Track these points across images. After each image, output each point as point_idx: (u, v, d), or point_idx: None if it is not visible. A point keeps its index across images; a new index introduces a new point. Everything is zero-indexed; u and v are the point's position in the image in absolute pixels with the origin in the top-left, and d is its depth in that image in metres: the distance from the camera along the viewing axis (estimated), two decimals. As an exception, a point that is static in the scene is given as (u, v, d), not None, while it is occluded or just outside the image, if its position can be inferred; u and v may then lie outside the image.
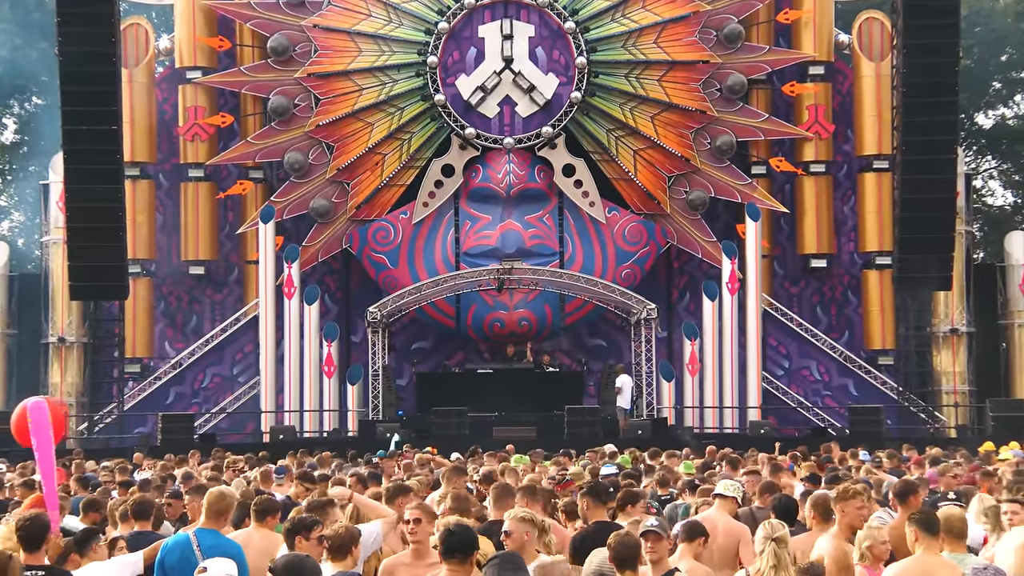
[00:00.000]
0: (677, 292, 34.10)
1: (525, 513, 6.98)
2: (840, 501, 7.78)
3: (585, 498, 8.25)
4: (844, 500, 7.78)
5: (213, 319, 33.78)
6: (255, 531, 7.80)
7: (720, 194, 32.51)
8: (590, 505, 8.14)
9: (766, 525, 6.60)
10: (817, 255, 33.38)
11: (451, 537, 5.84)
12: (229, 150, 32.80)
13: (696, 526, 7.36)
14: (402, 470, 14.81)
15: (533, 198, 31.89)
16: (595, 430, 26.83)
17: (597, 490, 8.28)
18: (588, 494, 8.26)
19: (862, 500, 7.79)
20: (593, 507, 8.13)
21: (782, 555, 6.38)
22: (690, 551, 7.20)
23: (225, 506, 7.42)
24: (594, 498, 8.18)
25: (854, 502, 7.71)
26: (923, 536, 6.82)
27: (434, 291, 30.46)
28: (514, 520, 6.90)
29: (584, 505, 8.22)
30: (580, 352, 33.28)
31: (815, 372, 33.20)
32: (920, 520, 6.89)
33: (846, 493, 7.83)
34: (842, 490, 7.90)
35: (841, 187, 33.92)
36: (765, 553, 6.46)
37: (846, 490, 7.88)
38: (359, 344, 33.26)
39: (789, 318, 33.01)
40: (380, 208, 32.56)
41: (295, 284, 31.08)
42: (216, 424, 32.35)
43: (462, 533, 5.87)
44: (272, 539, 7.52)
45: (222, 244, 33.90)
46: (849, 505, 7.68)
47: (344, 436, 30.13)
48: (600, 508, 8.17)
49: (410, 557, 7.05)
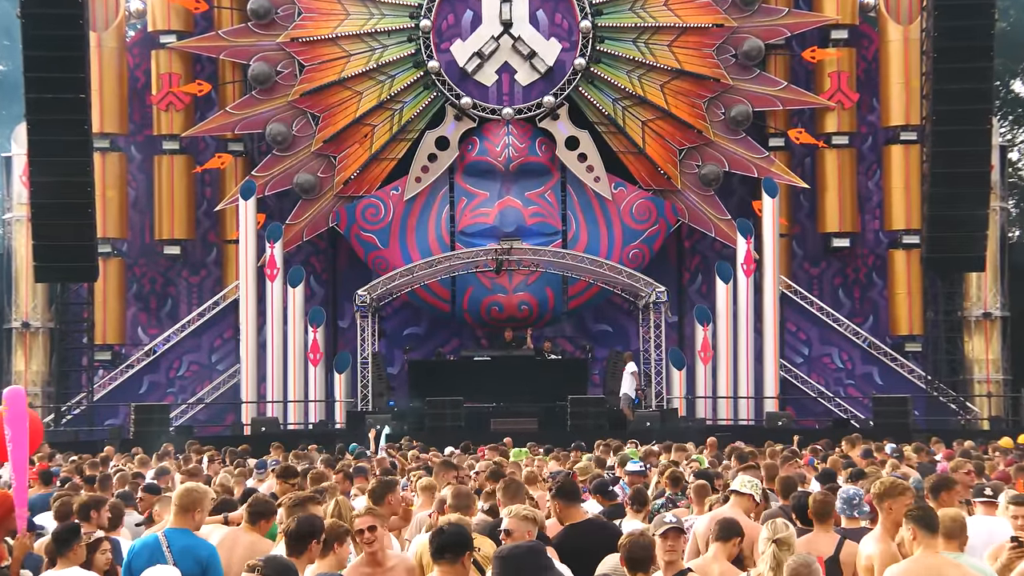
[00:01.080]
0: (688, 274, 34.06)
1: (528, 511, 6.91)
2: (888, 498, 7.53)
3: (555, 500, 8.07)
4: (893, 497, 7.53)
5: (190, 303, 33.74)
6: (245, 533, 7.72)
7: (735, 168, 32.43)
8: (561, 507, 8.00)
9: (769, 525, 6.53)
10: (839, 234, 33.32)
11: (441, 536, 5.80)
12: (206, 121, 32.69)
13: (732, 524, 7.28)
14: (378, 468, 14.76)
15: (534, 173, 31.82)
16: (600, 422, 26.81)
17: (566, 490, 8.14)
18: (558, 496, 8.07)
19: (911, 497, 7.61)
20: (565, 508, 8.00)
21: (784, 558, 6.30)
22: (724, 552, 7.14)
23: (192, 501, 7.35)
24: (565, 499, 8.03)
25: (903, 499, 7.51)
26: (921, 534, 6.78)
27: (427, 273, 30.41)
28: (515, 518, 6.84)
29: (555, 508, 8.05)
30: (584, 338, 33.26)
31: (837, 360, 33.17)
32: (918, 517, 6.83)
33: (895, 489, 7.60)
34: (890, 485, 7.66)
35: (865, 160, 33.84)
36: (765, 555, 6.39)
37: (895, 486, 7.65)
38: (347, 330, 33.22)
39: (809, 302, 32.97)
40: (369, 184, 32.48)
41: (278, 265, 31.02)
42: (193, 416, 32.29)
43: (453, 532, 5.82)
44: (261, 546, 7.43)
45: (199, 222, 33.83)
46: (898, 503, 7.45)
47: (331, 428, 30.14)
48: (574, 508, 8.03)
49: (366, 562, 6.87)
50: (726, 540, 7.18)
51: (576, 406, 27.30)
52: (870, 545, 7.46)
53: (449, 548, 5.73)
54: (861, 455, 16.20)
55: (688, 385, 30.94)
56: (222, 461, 17.57)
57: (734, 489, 8.81)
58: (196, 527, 7.43)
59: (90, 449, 22.52)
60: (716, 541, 7.19)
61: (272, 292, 31.08)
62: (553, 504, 8.07)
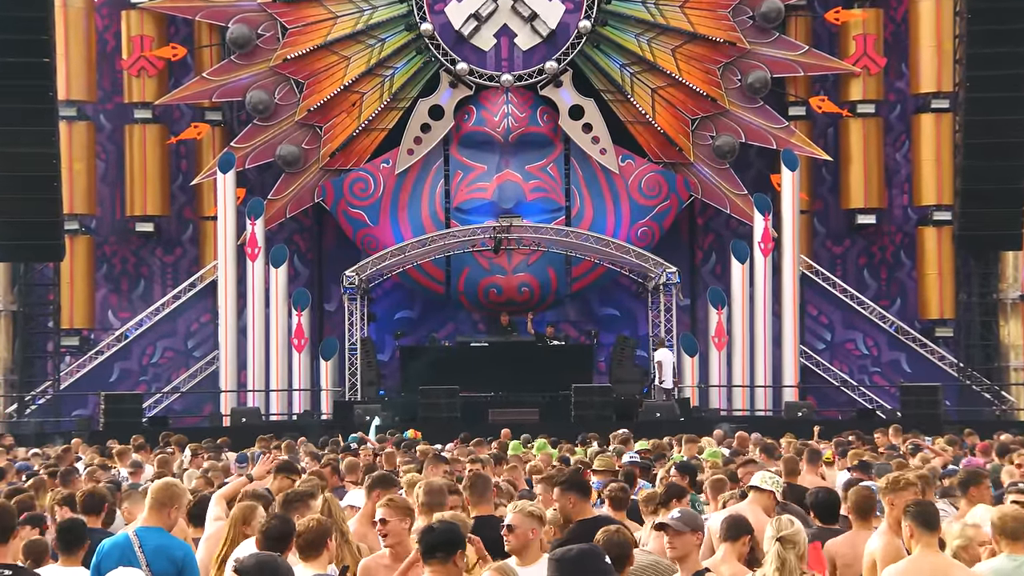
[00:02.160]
0: (702, 253, 34.04)
1: (533, 507, 6.92)
2: (890, 492, 7.68)
3: (568, 493, 8.00)
4: (895, 491, 7.67)
5: (164, 284, 33.72)
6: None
7: (752, 139, 32.39)
8: (575, 502, 7.97)
9: (774, 522, 6.55)
10: (865, 210, 33.30)
11: (430, 534, 5.81)
12: (181, 88, 32.62)
13: (740, 522, 7.30)
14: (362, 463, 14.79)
15: (535, 144, 31.77)
16: (606, 412, 26.83)
17: (580, 484, 8.11)
18: (571, 489, 8.00)
19: (915, 491, 7.70)
20: (578, 503, 7.98)
21: (787, 557, 6.31)
22: (733, 552, 7.17)
23: (169, 497, 7.36)
24: (579, 493, 7.99)
25: (905, 494, 7.62)
26: (919, 532, 6.81)
27: (421, 252, 30.40)
28: (519, 514, 6.83)
29: (568, 502, 8.00)
30: (589, 323, 33.26)
31: (861, 345, 33.18)
32: (916, 514, 6.85)
33: (897, 483, 7.72)
34: (892, 480, 7.79)
35: (893, 131, 33.78)
36: (769, 554, 6.42)
37: (896, 480, 7.77)
38: (334, 313, 33.22)
39: (831, 283, 32.96)
40: (358, 156, 32.43)
41: (259, 244, 31.00)
42: (168, 405, 32.32)
43: (444, 530, 5.83)
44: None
45: (174, 197, 33.80)
46: (900, 497, 7.58)
47: (316, 419, 30.11)
48: (585, 504, 8.03)
49: (389, 559, 7.08)
50: (735, 539, 7.20)
51: (580, 395, 27.32)
52: (874, 541, 7.53)
53: (440, 547, 5.75)
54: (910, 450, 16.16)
55: (701, 373, 30.96)
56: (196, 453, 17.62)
57: (754, 485, 8.82)
58: (171, 526, 7.44)
59: (56, 442, 22.54)
60: (725, 541, 7.21)
61: (253, 273, 31.05)
62: (564, 498, 8.02)
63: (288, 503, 7.57)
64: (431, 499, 8.04)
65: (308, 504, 7.55)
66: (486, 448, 16.89)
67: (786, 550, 6.36)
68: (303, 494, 7.80)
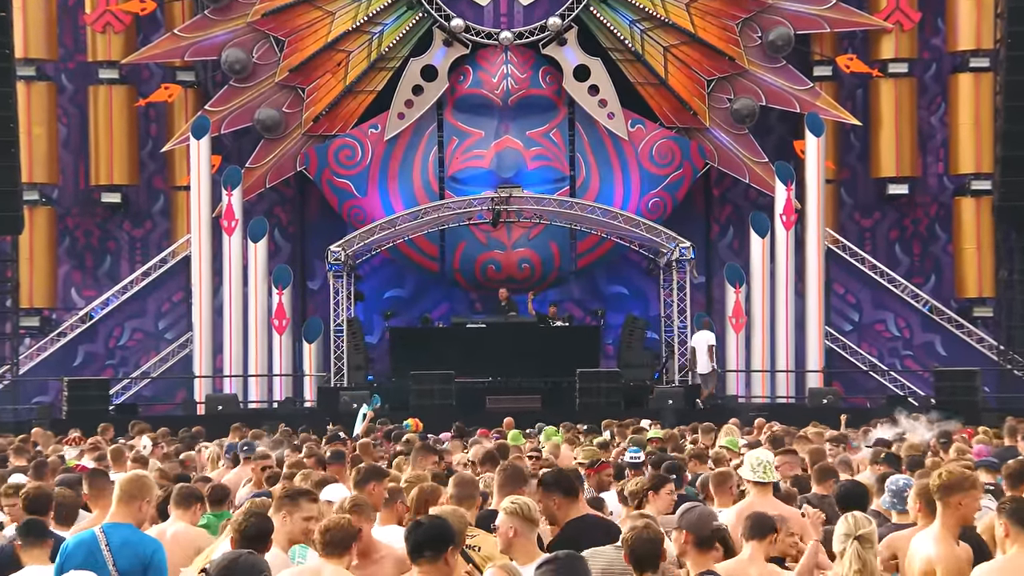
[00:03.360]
0: (718, 227, 34.03)
1: (516, 505, 6.93)
2: (957, 492, 7.34)
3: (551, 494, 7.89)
4: (962, 491, 7.36)
5: (132, 260, 33.72)
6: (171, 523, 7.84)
7: (773, 102, 32.35)
8: (560, 503, 7.91)
9: (848, 519, 6.50)
10: (896, 179, 33.28)
11: (417, 531, 5.83)
12: (151, 45, 32.57)
13: (766, 520, 7.30)
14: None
15: (537, 108, 31.75)
16: (613, 399, 26.87)
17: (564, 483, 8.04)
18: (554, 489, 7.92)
19: (979, 491, 7.54)
20: (564, 504, 7.94)
21: (868, 558, 6.30)
22: (760, 551, 7.18)
23: (139, 489, 7.38)
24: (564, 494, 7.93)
25: (974, 493, 7.40)
26: (1015, 530, 6.73)
27: (412, 225, 30.40)
28: (502, 512, 6.88)
29: (552, 503, 7.90)
30: (595, 302, 33.29)
31: (892, 327, 33.21)
32: (1012, 511, 6.77)
33: (964, 482, 7.40)
34: (960, 478, 7.45)
35: (928, 92, 33.75)
36: (847, 556, 6.36)
37: (963, 478, 7.45)
38: (318, 292, 33.23)
39: (860, 259, 32.97)
40: (344, 121, 32.40)
41: (236, 216, 30.99)
42: (137, 392, 32.36)
43: (432, 526, 5.85)
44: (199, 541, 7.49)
45: (143, 165, 33.77)
46: (968, 497, 7.34)
47: (299, 407, 30.21)
48: (572, 503, 7.99)
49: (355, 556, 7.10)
50: (761, 538, 7.21)
51: (586, 381, 27.34)
52: (928, 546, 7.34)
53: (428, 545, 5.78)
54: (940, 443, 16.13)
55: (718, 357, 30.85)
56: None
57: (757, 480, 8.81)
58: (140, 521, 7.45)
59: (14, 431, 22.57)
60: (751, 540, 7.22)
61: (230, 248, 31.05)
62: (548, 499, 7.92)
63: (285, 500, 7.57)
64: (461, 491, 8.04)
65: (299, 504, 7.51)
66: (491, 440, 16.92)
67: (866, 550, 6.35)
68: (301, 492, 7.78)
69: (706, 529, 6.62)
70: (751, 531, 7.26)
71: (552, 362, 29.00)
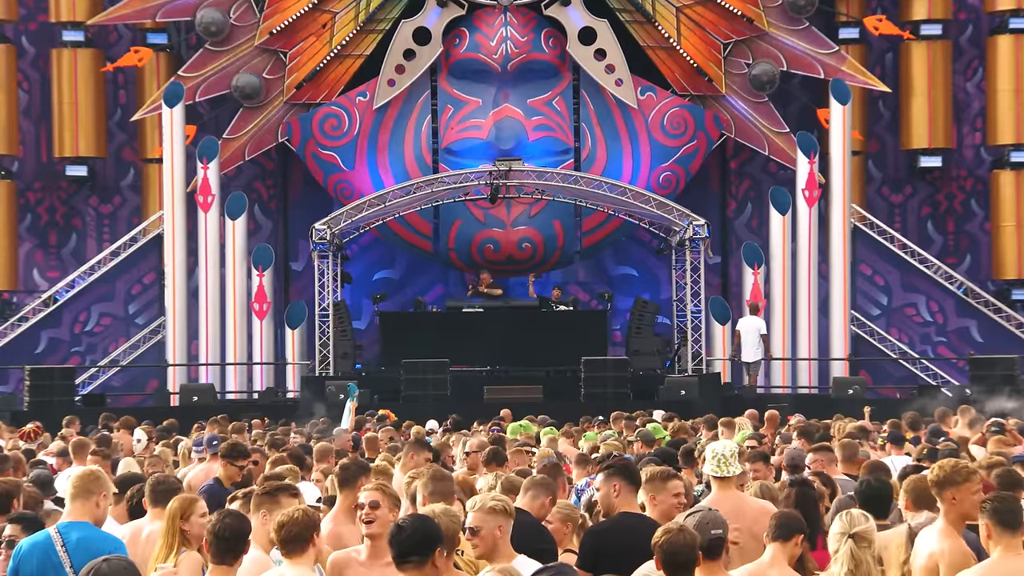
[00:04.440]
0: (735, 203, 34.04)
1: (495, 501, 6.93)
2: (950, 487, 7.64)
3: (614, 479, 8.14)
4: (955, 485, 7.64)
5: (100, 239, 33.72)
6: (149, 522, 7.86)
7: (795, 68, 32.31)
8: (621, 490, 8.07)
9: (843, 517, 6.56)
10: (929, 151, 33.27)
11: (400, 534, 5.84)
12: (119, 4, 32.48)
13: (793, 520, 7.31)
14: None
15: (538, 74, 31.72)
16: (621, 390, 26.89)
17: (631, 471, 8.22)
18: (618, 474, 8.15)
19: (978, 484, 7.69)
20: (625, 492, 8.09)
21: (863, 557, 6.34)
22: (784, 553, 7.19)
23: (94, 484, 7.38)
24: (628, 480, 8.10)
25: (969, 487, 7.61)
26: (997, 531, 6.83)
27: (404, 201, 30.38)
28: (481, 512, 6.87)
29: (612, 490, 8.11)
30: (602, 284, 33.30)
31: (924, 311, 33.21)
32: (993, 510, 6.87)
33: (955, 476, 7.67)
34: (952, 470, 7.74)
35: (964, 56, 33.72)
36: (840, 553, 6.43)
37: (958, 470, 7.72)
38: (302, 274, 33.23)
39: (889, 237, 32.96)
40: (329, 88, 32.37)
41: (213, 191, 30.99)
42: (105, 382, 32.41)
43: (415, 528, 5.86)
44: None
45: (112, 135, 33.76)
46: (962, 491, 7.58)
47: (282, 398, 30.21)
48: (633, 495, 8.13)
49: (365, 553, 7.13)
50: (786, 539, 7.22)
51: (591, 370, 27.36)
52: (933, 541, 7.50)
53: (414, 549, 5.79)
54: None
55: (734, 343, 30.99)
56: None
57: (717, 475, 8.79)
58: (100, 518, 7.46)
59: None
60: (774, 541, 7.22)
61: (206, 225, 31.05)
62: (608, 484, 8.13)
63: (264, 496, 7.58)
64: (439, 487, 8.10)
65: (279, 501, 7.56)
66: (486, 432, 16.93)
67: (861, 549, 6.37)
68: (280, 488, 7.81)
69: (704, 536, 6.62)
70: (775, 532, 7.26)
71: (555, 349, 29.04)
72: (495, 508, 6.84)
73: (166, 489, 8.56)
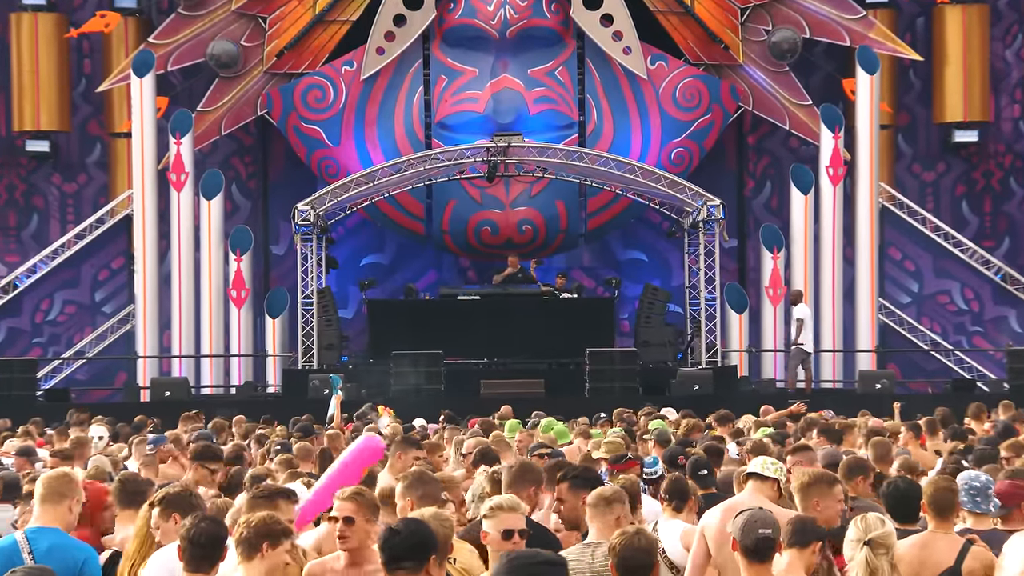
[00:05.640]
0: (753, 181, 34.08)
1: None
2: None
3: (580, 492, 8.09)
4: None
5: (64, 220, 33.76)
6: None
7: (819, 34, 32.34)
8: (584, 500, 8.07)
9: (859, 521, 6.61)
10: (964, 124, 33.30)
11: (393, 539, 5.91)
12: (85, -33, 32.60)
13: (810, 527, 7.38)
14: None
15: (540, 42, 31.73)
16: (630, 384, 26.97)
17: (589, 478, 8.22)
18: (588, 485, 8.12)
19: None
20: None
21: (880, 565, 6.40)
22: (801, 561, 7.24)
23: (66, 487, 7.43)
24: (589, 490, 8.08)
25: None
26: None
27: (394, 180, 30.42)
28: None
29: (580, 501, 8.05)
30: (608, 270, 33.34)
31: (958, 298, 33.26)
32: None
33: None
34: None
35: (1003, 21, 33.74)
36: (856, 561, 6.48)
37: None
38: (283, 258, 33.28)
39: (920, 219, 33.00)
40: (313, 56, 32.39)
41: (187, 169, 31.01)
42: (70, 375, 32.47)
43: (409, 533, 5.94)
44: None
45: (76, 108, 33.78)
46: None
47: (262, 393, 30.25)
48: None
49: (344, 560, 7.20)
50: (803, 546, 7.27)
51: (597, 363, 27.42)
52: None
53: (409, 555, 5.86)
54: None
55: (751, 334, 31.06)
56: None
57: (754, 472, 8.94)
58: (70, 524, 7.53)
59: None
60: (791, 547, 7.29)
61: (179, 206, 31.09)
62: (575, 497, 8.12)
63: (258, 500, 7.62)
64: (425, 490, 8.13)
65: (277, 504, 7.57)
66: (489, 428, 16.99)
67: (877, 556, 6.42)
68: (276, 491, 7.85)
69: (751, 536, 6.68)
70: (792, 538, 7.32)
71: (557, 341, 29.08)
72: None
73: (136, 490, 8.65)
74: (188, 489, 7.87)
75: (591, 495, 7.98)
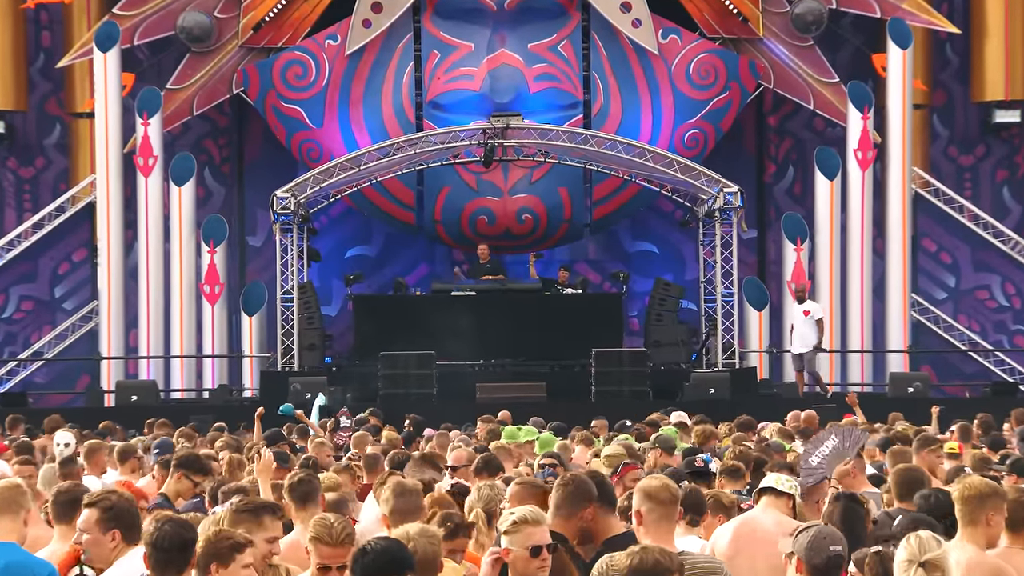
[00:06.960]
0: (774, 166, 34.11)
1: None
2: None
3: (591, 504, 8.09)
4: None
5: (20, 208, 33.78)
6: None
7: (846, 5, 32.36)
8: (596, 514, 8.02)
9: (910, 541, 6.58)
10: (1005, 103, 33.31)
11: (363, 558, 5.97)
12: (44, -68, 32.61)
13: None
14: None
15: (541, 14, 31.75)
16: (639, 387, 26.98)
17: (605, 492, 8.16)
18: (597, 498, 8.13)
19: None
20: (603, 517, 8.04)
21: None
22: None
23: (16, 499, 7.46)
24: (604, 503, 8.07)
25: None
26: None
27: (382, 165, 30.43)
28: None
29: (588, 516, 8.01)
30: (616, 263, 33.36)
31: (998, 294, 33.30)
32: None
33: None
34: None
35: (1045, -7, 33.78)
36: None
37: None
38: (261, 250, 33.29)
39: (957, 207, 33.02)
40: (293, 29, 32.41)
41: (155, 152, 31.03)
42: (27, 378, 32.51)
43: (380, 551, 6.01)
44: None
45: (33, 85, 33.79)
46: None
47: (237, 397, 30.24)
48: (613, 517, 8.14)
49: None
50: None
51: (604, 364, 27.45)
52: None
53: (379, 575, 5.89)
54: None
55: (772, 333, 31.11)
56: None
57: (768, 487, 9.08)
58: (24, 537, 7.54)
59: None
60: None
61: (147, 192, 31.11)
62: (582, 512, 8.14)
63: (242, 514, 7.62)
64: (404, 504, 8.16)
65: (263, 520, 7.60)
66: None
67: None
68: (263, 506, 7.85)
69: (821, 555, 6.69)
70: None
71: (560, 340, 29.11)
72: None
73: (71, 500, 8.47)
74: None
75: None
